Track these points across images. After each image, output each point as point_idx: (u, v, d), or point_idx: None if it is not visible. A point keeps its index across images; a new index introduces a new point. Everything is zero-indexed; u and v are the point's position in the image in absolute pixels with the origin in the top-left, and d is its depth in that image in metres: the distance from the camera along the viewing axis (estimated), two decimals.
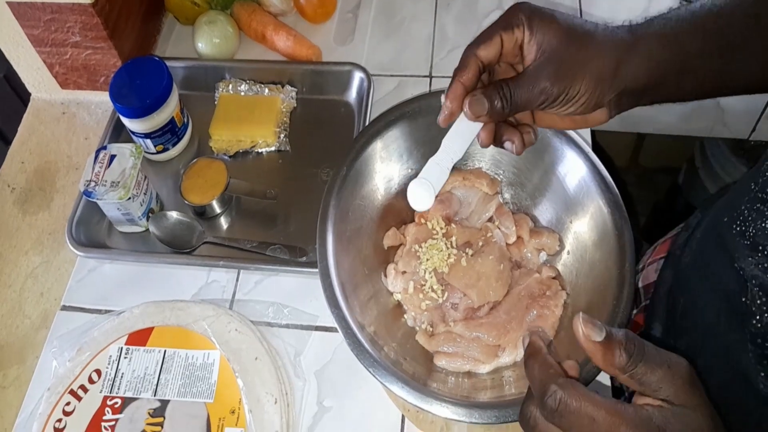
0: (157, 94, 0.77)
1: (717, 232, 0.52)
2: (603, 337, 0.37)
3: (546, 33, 0.48)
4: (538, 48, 0.49)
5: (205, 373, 0.66)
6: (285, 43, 0.91)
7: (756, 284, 0.44)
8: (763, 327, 0.43)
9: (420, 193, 0.51)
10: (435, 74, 0.91)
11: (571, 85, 0.48)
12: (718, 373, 0.50)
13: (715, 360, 0.50)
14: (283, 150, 0.85)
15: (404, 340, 0.64)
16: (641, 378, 0.37)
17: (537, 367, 0.41)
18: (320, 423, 0.67)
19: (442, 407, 0.54)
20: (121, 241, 0.79)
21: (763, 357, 0.43)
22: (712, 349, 0.50)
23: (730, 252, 0.47)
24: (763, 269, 0.43)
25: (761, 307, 0.43)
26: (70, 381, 0.67)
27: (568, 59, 0.48)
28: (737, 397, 0.48)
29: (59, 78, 0.90)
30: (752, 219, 0.45)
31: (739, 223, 0.47)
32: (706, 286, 0.53)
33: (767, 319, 0.43)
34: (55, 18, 0.80)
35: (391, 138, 0.68)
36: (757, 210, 0.45)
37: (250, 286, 0.75)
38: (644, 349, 0.38)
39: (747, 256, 0.45)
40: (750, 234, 0.45)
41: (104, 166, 0.74)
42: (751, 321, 0.44)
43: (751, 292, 0.44)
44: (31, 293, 0.77)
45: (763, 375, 0.43)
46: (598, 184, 0.63)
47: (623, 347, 0.37)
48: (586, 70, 0.48)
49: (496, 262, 0.64)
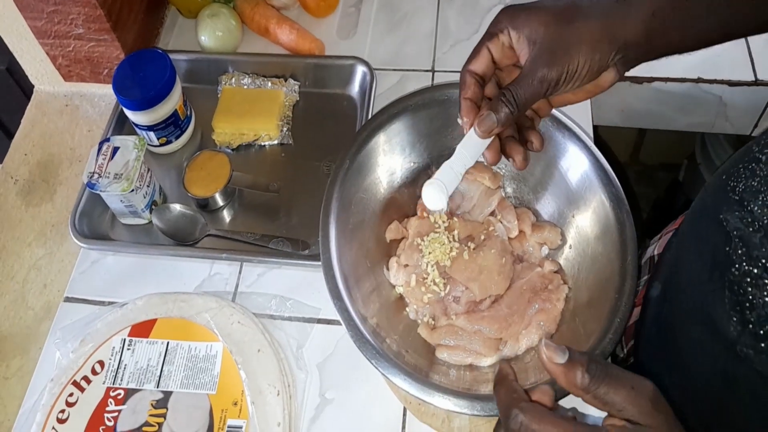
0: (160, 86, 0.77)
1: (713, 190, 0.54)
2: (565, 360, 0.40)
3: (531, 25, 0.50)
4: (528, 42, 0.50)
5: (208, 365, 0.67)
6: (288, 36, 0.91)
7: (737, 236, 0.46)
8: (740, 275, 0.45)
9: (434, 194, 0.54)
10: (437, 68, 0.91)
11: (568, 62, 0.49)
12: (692, 325, 0.52)
13: (692, 313, 0.52)
14: (286, 143, 0.85)
15: (406, 333, 0.64)
16: (604, 398, 0.39)
17: (503, 392, 0.44)
18: (322, 415, 0.67)
19: (444, 399, 0.54)
20: (124, 233, 0.80)
21: (737, 303, 0.45)
22: (691, 302, 0.53)
23: (720, 206, 0.49)
24: (746, 223, 0.45)
25: (741, 256, 0.45)
26: (74, 372, 0.67)
27: (557, 39, 0.49)
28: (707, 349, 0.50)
29: (62, 70, 0.90)
30: (744, 177, 0.47)
31: (733, 180, 0.49)
32: (696, 240, 0.55)
33: (744, 267, 0.45)
34: (59, 9, 0.80)
35: (394, 131, 0.68)
36: (751, 169, 0.47)
37: (252, 279, 0.75)
38: (607, 370, 0.40)
39: (734, 211, 0.47)
40: (739, 190, 0.47)
41: (107, 158, 0.74)
42: (731, 269, 0.46)
43: (733, 242, 0.46)
44: (35, 285, 0.77)
45: (735, 320, 0.45)
46: (601, 178, 0.63)
47: (585, 368, 0.39)
48: (579, 42, 0.48)
49: (498, 255, 0.65)
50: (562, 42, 0.49)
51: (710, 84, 0.88)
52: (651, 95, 0.90)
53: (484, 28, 0.92)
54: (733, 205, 0.47)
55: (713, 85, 0.88)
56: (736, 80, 0.87)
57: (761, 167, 0.46)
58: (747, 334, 0.45)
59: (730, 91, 0.88)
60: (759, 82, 0.87)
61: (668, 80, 0.88)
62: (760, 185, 0.45)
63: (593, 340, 0.56)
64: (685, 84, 0.88)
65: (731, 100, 0.89)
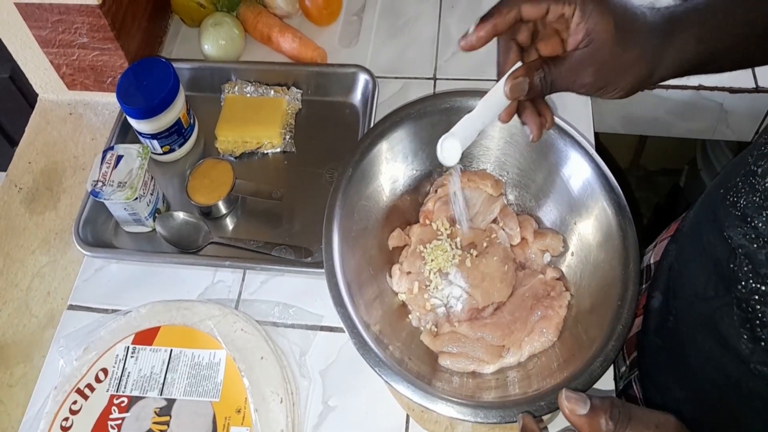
0: (164, 95, 0.78)
1: (711, 203, 0.54)
2: (588, 410, 0.40)
3: (597, 23, 0.48)
4: (585, 35, 0.49)
5: (211, 373, 0.67)
6: (290, 45, 0.91)
7: (742, 253, 0.46)
8: (748, 292, 0.45)
9: (448, 149, 0.53)
10: (439, 76, 0.91)
11: (609, 84, 0.50)
12: (703, 340, 0.52)
13: (701, 328, 0.52)
14: (289, 151, 0.85)
15: (409, 340, 0.64)
16: None
17: None
18: (325, 422, 0.67)
19: (448, 407, 0.54)
20: (128, 241, 0.80)
21: (746, 320, 0.45)
22: (698, 316, 0.52)
23: (721, 221, 0.49)
24: (750, 239, 0.45)
25: (747, 273, 0.45)
26: (77, 380, 0.67)
27: (611, 61, 0.49)
28: (719, 363, 0.50)
29: (66, 79, 0.90)
30: (744, 192, 0.47)
31: (732, 194, 0.48)
32: (697, 253, 0.55)
33: (752, 285, 0.44)
34: (63, 19, 0.81)
35: (396, 139, 0.68)
36: (750, 183, 0.47)
37: (255, 286, 0.75)
38: (630, 412, 0.40)
39: (736, 226, 0.47)
40: (741, 205, 0.47)
41: (111, 166, 0.74)
42: (737, 286, 0.46)
43: (738, 259, 0.46)
44: (38, 292, 0.78)
45: (746, 338, 0.45)
46: (603, 185, 0.63)
47: (608, 415, 0.39)
48: (627, 75, 0.50)
49: (501, 263, 0.65)
50: (614, 66, 0.49)
51: (711, 91, 0.88)
52: (652, 102, 0.91)
53: None
54: (735, 220, 0.47)
55: (714, 93, 0.88)
56: (737, 87, 0.87)
57: (758, 180, 0.46)
58: (760, 352, 0.45)
59: (731, 98, 0.88)
60: (760, 90, 0.87)
61: (669, 87, 0.88)
62: (762, 200, 0.45)
63: (596, 346, 0.56)
64: (686, 91, 0.88)
65: (732, 108, 0.90)
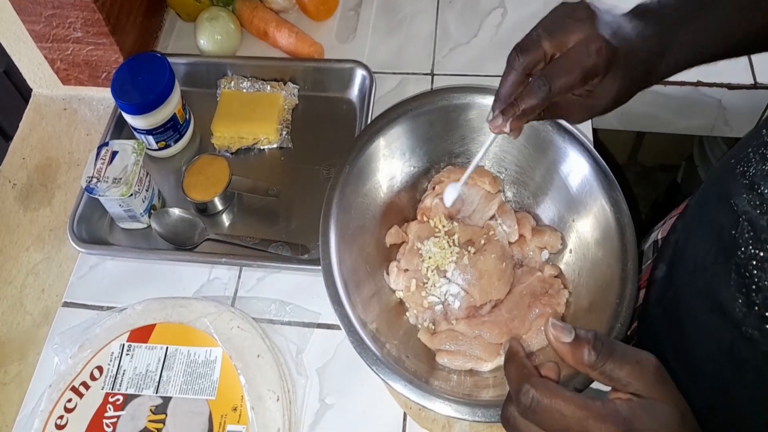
0: (159, 90, 0.77)
1: (721, 175, 0.55)
2: (572, 338, 0.41)
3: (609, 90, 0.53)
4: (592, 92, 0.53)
5: (207, 370, 0.66)
6: (287, 40, 0.91)
7: (746, 219, 0.47)
8: (747, 258, 0.46)
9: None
10: (437, 72, 0.91)
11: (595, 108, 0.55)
12: (700, 307, 0.53)
13: (699, 295, 0.53)
14: (285, 147, 0.85)
15: (406, 338, 0.64)
16: (610, 374, 0.40)
17: (513, 368, 0.44)
18: (322, 420, 0.67)
19: (445, 405, 0.54)
20: (123, 237, 0.79)
21: (743, 285, 0.46)
22: (698, 283, 0.54)
23: (728, 190, 0.50)
24: (754, 205, 0.46)
25: (748, 240, 0.46)
26: (72, 378, 0.67)
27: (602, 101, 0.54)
28: (712, 328, 0.51)
29: (60, 74, 0.89)
30: (755, 161, 0.48)
31: (743, 164, 0.50)
32: (702, 224, 0.56)
33: (751, 250, 0.46)
34: (57, 13, 0.80)
35: (394, 136, 0.68)
36: (761, 154, 0.48)
37: (252, 284, 0.75)
38: (612, 346, 0.40)
39: (742, 193, 0.48)
40: (750, 174, 0.48)
41: (106, 162, 0.74)
42: (737, 252, 0.47)
43: (741, 226, 0.47)
44: (33, 290, 0.77)
45: (741, 302, 0.47)
46: (601, 182, 0.63)
47: (591, 345, 0.40)
48: (620, 96, 0.54)
49: (498, 260, 0.64)
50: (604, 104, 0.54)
51: (709, 87, 0.88)
52: (650, 99, 0.90)
53: (483, 31, 0.94)
54: (742, 188, 0.48)
55: (712, 89, 0.88)
56: (736, 84, 0.87)
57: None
58: (753, 316, 0.46)
59: (729, 95, 0.88)
60: (758, 86, 0.87)
61: (667, 84, 0.88)
62: None
63: None
64: (684, 87, 0.88)
65: (730, 104, 0.89)
